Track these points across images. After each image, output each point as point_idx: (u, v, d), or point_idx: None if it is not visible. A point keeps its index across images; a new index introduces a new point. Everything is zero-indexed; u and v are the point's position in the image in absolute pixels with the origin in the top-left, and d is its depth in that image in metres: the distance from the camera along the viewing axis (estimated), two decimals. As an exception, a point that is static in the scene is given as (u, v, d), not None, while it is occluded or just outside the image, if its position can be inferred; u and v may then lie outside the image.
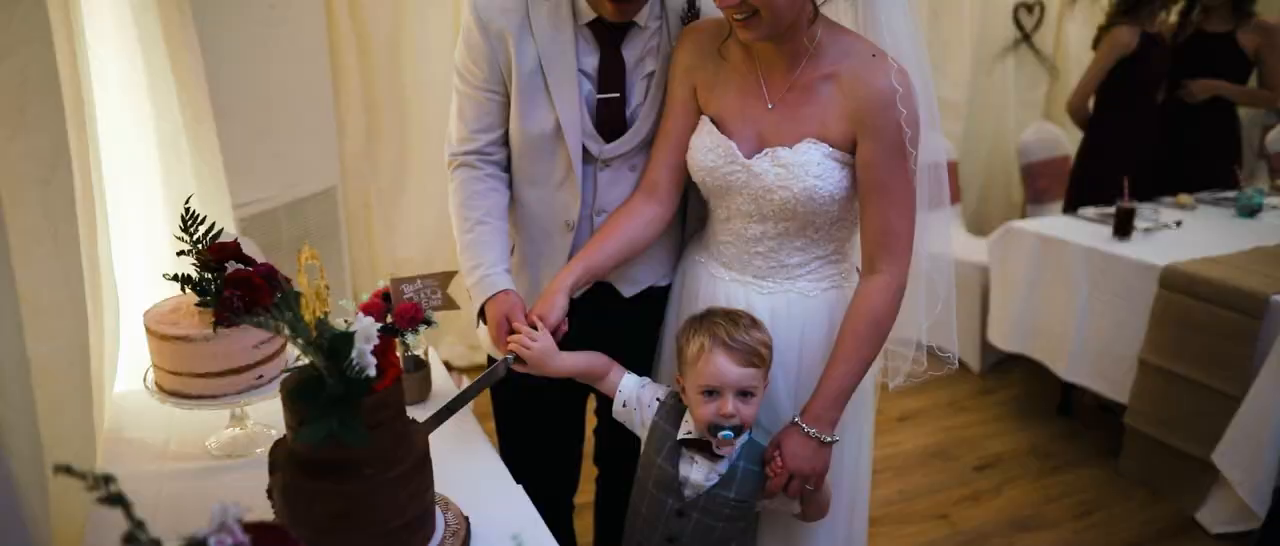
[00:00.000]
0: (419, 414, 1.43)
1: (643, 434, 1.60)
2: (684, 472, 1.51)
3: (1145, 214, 3.15)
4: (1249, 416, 2.46)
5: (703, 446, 1.49)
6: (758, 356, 1.45)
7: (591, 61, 1.58)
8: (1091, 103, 3.73)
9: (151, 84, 1.84)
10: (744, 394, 1.45)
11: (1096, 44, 3.72)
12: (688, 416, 1.51)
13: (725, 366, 1.43)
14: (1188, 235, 3.06)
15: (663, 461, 1.53)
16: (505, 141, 1.65)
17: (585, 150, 1.60)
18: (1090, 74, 3.63)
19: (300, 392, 1.11)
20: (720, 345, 1.44)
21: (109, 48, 1.75)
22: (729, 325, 1.46)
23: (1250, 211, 3.27)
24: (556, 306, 1.53)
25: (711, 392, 1.44)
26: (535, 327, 1.51)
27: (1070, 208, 3.66)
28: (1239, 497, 2.49)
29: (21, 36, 1.10)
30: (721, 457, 1.49)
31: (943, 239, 1.63)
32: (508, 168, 1.67)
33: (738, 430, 1.45)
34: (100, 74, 1.68)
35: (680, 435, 1.51)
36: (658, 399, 1.58)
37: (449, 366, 3.56)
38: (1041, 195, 4.26)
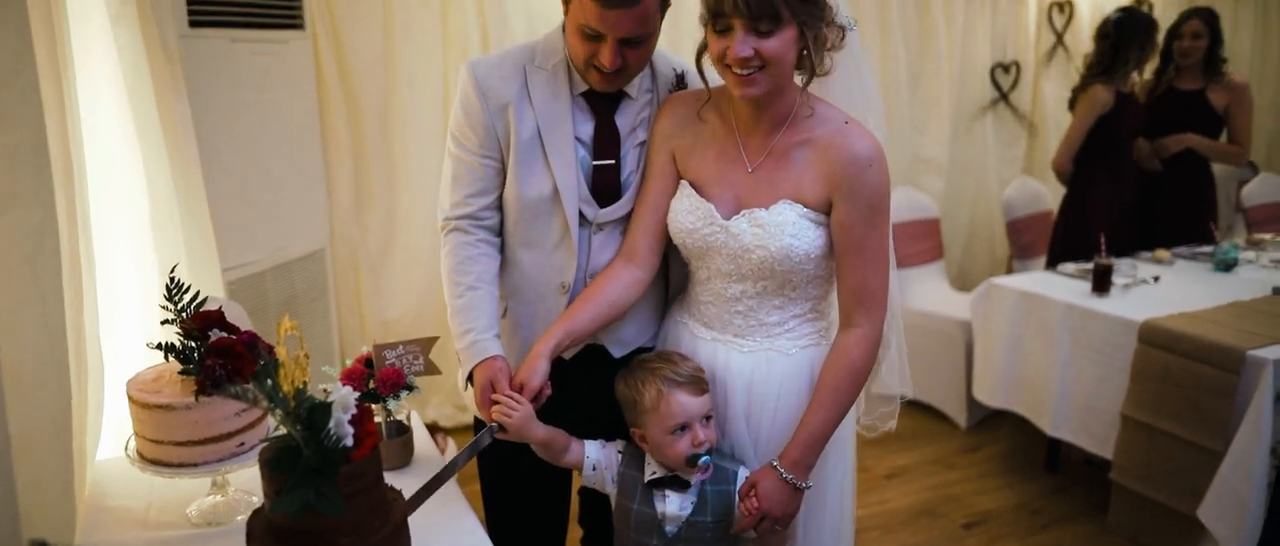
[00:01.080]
0: (401, 478, 1.45)
1: (613, 489, 1.66)
2: (660, 509, 1.59)
3: (1123, 269, 3.20)
4: (1231, 471, 2.47)
5: (670, 481, 1.60)
6: (703, 383, 1.59)
7: (587, 129, 1.64)
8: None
9: (145, 151, 1.89)
10: (706, 418, 1.58)
11: (1071, 104, 3.81)
12: (649, 459, 1.62)
13: (687, 401, 1.56)
14: (1165, 290, 3.10)
15: (639, 505, 1.60)
16: (498, 206, 1.69)
17: (581, 214, 1.65)
18: (1072, 133, 3.71)
19: (278, 462, 1.12)
20: (674, 385, 1.56)
21: (103, 117, 1.80)
22: (669, 366, 1.59)
23: (1227, 266, 3.33)
24: (537, 371, 1.56)
25: (681, 429, 1.56)
26: (519, 393, 1.54)
27: (1052, 263, 3.71)
28: (1225, 553, 2.48)
29: (14, 115, 1.14)
30: (689, 486, 1.60)
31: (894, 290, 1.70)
32: (500, 232, 1.71)
33: (709, 451, 1.58)
34: (93, 143, 1.72)
35: (647, 477, 1.61)
36: (619, 452, 1.66)
37: (437, 427, 3.57)
38: (1027, 250, 4.32)
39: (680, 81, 1.70)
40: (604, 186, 1.66)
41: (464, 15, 3.41)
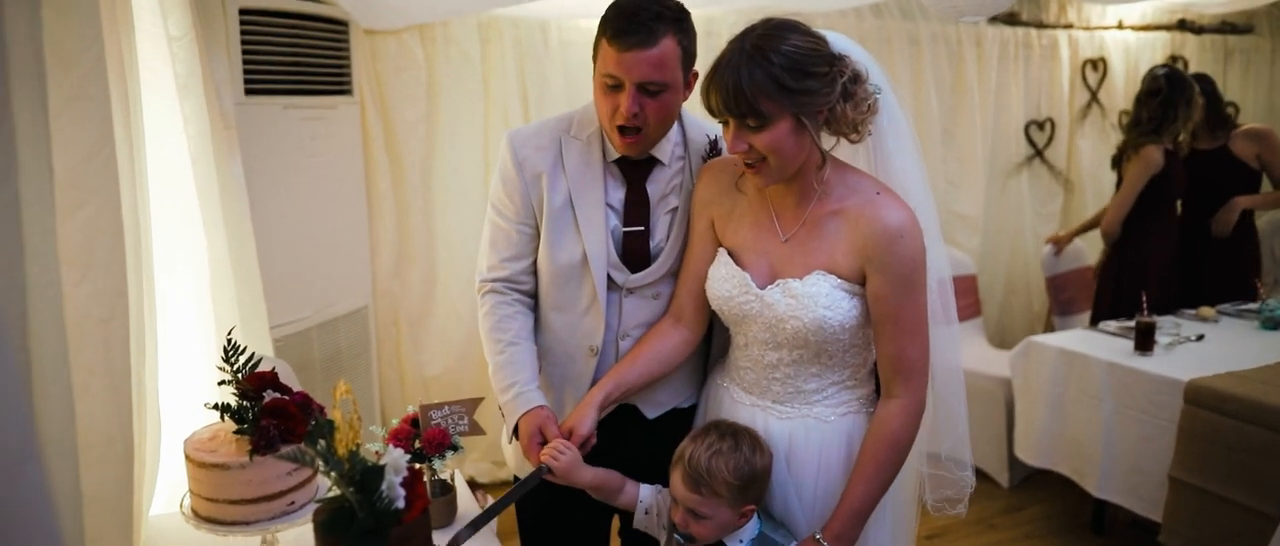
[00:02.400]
0: (445, 537, 1.47)
1: (662, 535, 1.66)
2: None
3: (1167, 327, 3.15)
4: (1286, 536, 2.40)
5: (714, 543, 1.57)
6: (709, 486, 1.52)
7: (618, 196, 1.69)
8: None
9: (205, 214, 1.97)
10: (692, 513, 1.54)
11: (1116, 163, 3.81)
12: None
13: (676, 484, 1.56)
14: (1211, 348, 3.05)
15: None
16: (533, 271, 1.74)
17: (610, 279, 1.69)
18: (1126, 195, 3.68)
19: (332, 524, 1.15)
20: (681, 463, 1.55)
21: (167, 183, 1.88)
22: (701, 448, 1.54)
23: (1274, 324, 3.26)
24: (587, 419, 1.61)
25: (675, 501, 1.57)
26: (568, 438, 1.58)
27: (1096, 321, 3.67)
28: (1284, 623, 2.40)
29: (94, 189, 1.21)
30: None
31: (953, 352, 1.69)
32: (534, 294, 1.76)
33: (689, 539, 1.56)
34: (158, 209, 1.80)
35: None
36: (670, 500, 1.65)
37: (475, 484, 3.58)
38: (1067, 306, 4.26)
39: (713, 147, 1.74)
40: (634, 252, 1.70)
41: (505, 80, 3.52)
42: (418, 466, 1.43)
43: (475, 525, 1.47)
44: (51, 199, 1.04)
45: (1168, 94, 3.59)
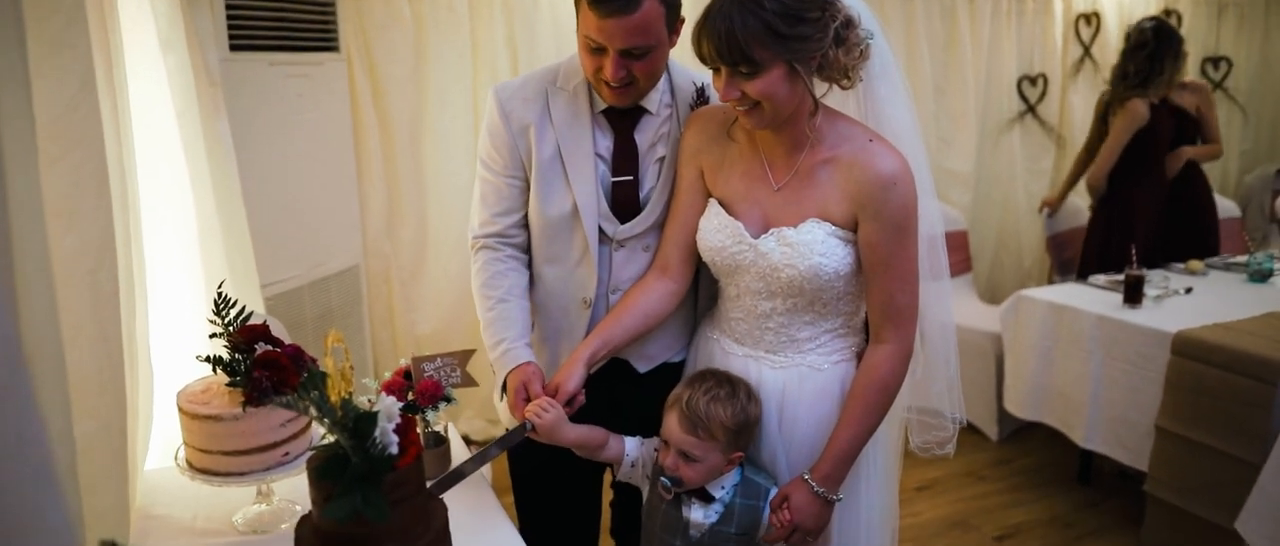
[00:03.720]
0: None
1: (646, 485, 1.68)
2: (686, 514, 1.59)
3: (1156, 280, 3.17)
4: (1270, 483, 2.44)
5: (697, 491, 1.59)
6: (706, 429, 1.53)
7: (606, 146, 1.67)
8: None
9: (191, 171, 1.95)
10: (685, 455, 1.55)
11: (1102, 115, 3.79)
12: None
13: (672, 426, 1.57)
14: (1199, 301, 3.08)
15: (667, 506, 1.61)
16: (525, 224, 1.73)
17: (601, 231, 1.68)
18: (1111, 149, 3.68)
19: (326, 470, 1.16)
20: (678, 405, 1.56)
21: (152, 139, 1.86)
22: (698, 392, 1.56)
23: (1262, 276, 3.29)
24: (574, 376, 1.61)
25: (666, 443, 1.58)
26: (553, 396, 1.58)
27: (1084, 275, 3.69)
28: (1265, 567, 2.45)
29: (77, 138, 1.20)
30: (713, 500, 1.58)
31: (945, 309, 1.70)
32: (527, 249, 1.75)
33: (677, 482, 1.57)
34: (143, 164, 1.79)
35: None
36: (655, 450, 1.67)
37: (468, 440, 3.60)
38: (1068, 266, 4.27)
39: (701, 94, 1.72)
40: (623, 202, 1.69)
41: (493, 36, 3.48)
42: (412, 415, 1.44)
43: (454, 476, 1.48)
44: (34, 146, 1.02)
45: (1155, 47, 3.57)
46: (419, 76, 3.41)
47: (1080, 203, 4.43)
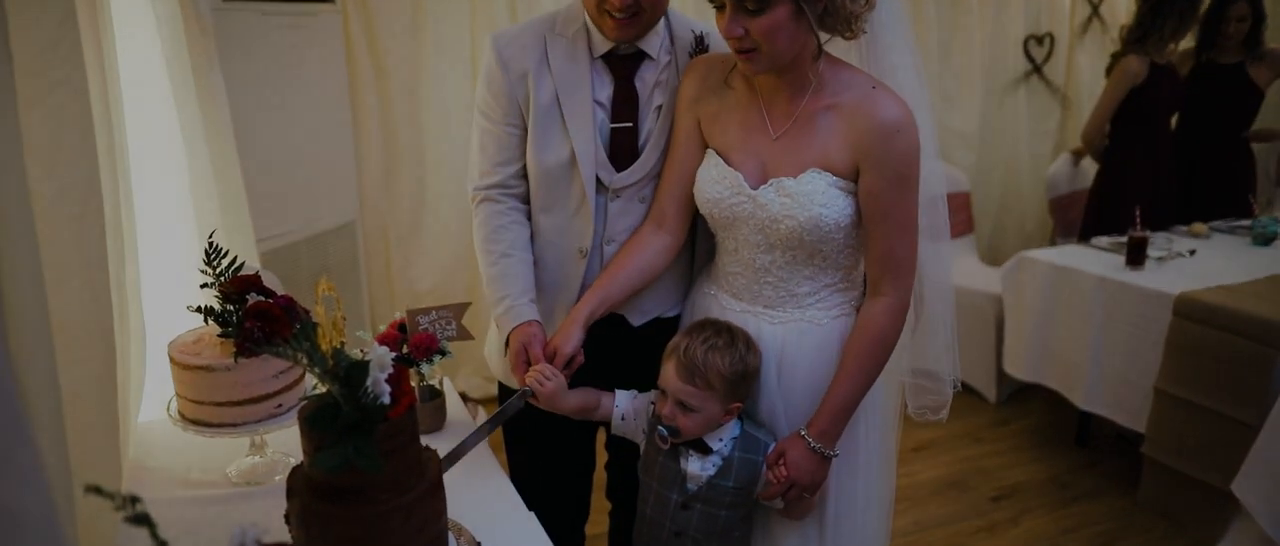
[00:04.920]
0: (434, 442, 1.47)
1: (642, 440, 1.66)
2: (684, 466, 1.58)
3: (1159, 243, 3.15)
4: (1267, 445, 2.44)
5: (695, 443, 1.58)
6: (703, 378, 1.52)
7: (606, 92, 1.64)
8: (1107, 132, 3.74)
9: (182, 121, 1.91)
10: (682, 404, 1.53)
11: (1108, 72, 3.74)
12: None
13: (670, 375, 1.54)
14: (1202, 263, 3.05)
15: (665, 458, 1.60)
16: (525, 174, 1.70)
17: (598, 180, 1.65)
18: (1103, 104, 3.65)
19: (317, 419, 1.14)
20: (676, 354, 1.54)
21: (142, 87, 1.83)
22: (697, 341, 1.53)
23: (1266, 240, 3.26)
24: (572, 337, 1.59)
25: (663, 392, 1.56)
26: (552, 358, 1.56)
27: (1084, 237, 3.66)
28: (1260, 528, 2.46)
29: (58, 79, 1.16)
30: (711, 451, 1.57)
31: (944, 270, 1.68)
32: (527, 199, 1.72)
33: (675, 432, 1.55)
34: (133, 112, 1.75)
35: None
36: (651, 403, 1.65)
37: (465, 397, 3.60)
38: (1072, 228, 4.24)
39: (700, 43, 1.69)
40: (622, 149, 1.66)
41: (492, -14, 3.41)
42: (405, 367, 1.42)
43: (461, 449, 1.47)
44: (12, 86, 0.99)
45: (1157, 3, 3.48)
46: (416, 27, 3.35)
47: (1088, 165, 4.38)
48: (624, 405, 1.68)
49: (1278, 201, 4.42)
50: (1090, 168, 4.34)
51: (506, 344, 1.63)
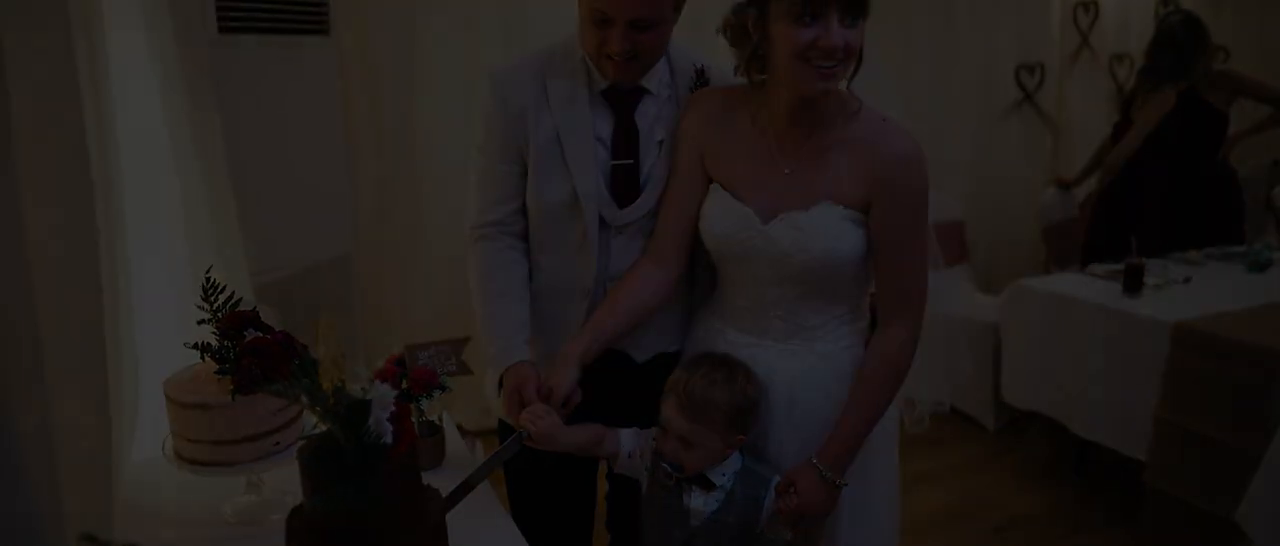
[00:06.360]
0: (434, 478, 1.44)
1: (644, 477, 1.64)
2: (687, 502, 1.56)
3: (1155, 270, 3.15)
4: (1270, 474, 2.43)
5: (697, 478, 1.56)
6: (705, 413, 1.50)
7: (606, 128, 1.63)
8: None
9: (176, 155, 1.90)
10: (684, 440, 1.52)
11: (1125, 107, 3.76)
12: None
13: (670, 411, 1.54)
14: (1198, 291, 3.06)
15: (667, 495, 1.58)
16: (523, 212, 1.69)
17: (600, 217, 1.64)
18: (1137, 133, 3.66)
19: (317, 460, 1.12)
20: (677, 392, 1.53)
21: (136, 120, 1.81)
22: (696, 377, 1.52)
23: (1260, 266, 3.27)
24: (566, 377, 1.56)
25: (665, 428, 1.55)
26: (548, 398, 1.53)
27: (1085, 263, 3.67)
28: (1264, 557, 2.44)
29: (53, 118, 1.15)
30: (715, 487, 1.55)
31: (936, 298, 1.67)
32: (526, 237, 1.71)
33: (678, 469, 1.54)
34: (127, 146, 1.74)
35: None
36: (653, 439, 1.63)
37: (463, 430, 3.56)
38: (1065, 255, 4.25)
39: (700, 76, 1.68)
40: (623, 186, 1.65)
41: (487, 18, 3.42)
42: (406, 404, 1.40)
43: (460, 491, 1.45)
44: (9, 121, 0.98)
45: (1183, 40, 3.55)
46: (412, 59, 3.36)
47: (1078, 193, 4.41)
48: (629, 443, 1.66)
49: (1269, 227, 4.45)
50: (1081, 195, 4.36)
51: (500, 385, 1.61)
